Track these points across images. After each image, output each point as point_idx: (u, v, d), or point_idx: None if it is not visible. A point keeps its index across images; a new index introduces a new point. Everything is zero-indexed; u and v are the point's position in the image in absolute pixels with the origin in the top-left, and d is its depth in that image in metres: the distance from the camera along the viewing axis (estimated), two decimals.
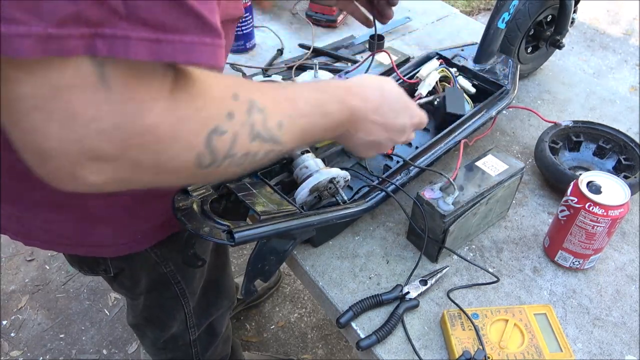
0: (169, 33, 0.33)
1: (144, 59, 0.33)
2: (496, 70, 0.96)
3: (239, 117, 0.43)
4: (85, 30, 0.31)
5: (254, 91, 0.46)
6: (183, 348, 0.98)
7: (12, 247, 1.90)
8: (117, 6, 0.31)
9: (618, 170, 0.87)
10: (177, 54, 0.34)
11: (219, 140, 0.41)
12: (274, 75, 1.12)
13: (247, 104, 0.44)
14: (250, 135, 0.44)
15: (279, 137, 0.48)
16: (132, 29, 0.32)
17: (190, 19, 0.34)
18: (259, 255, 0.67)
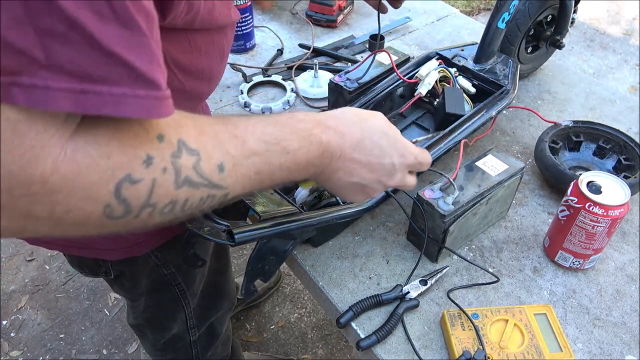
0: (96, 84, 0.31)
1: (67, 110, 0.31)
2: (496, 70, 0.96)
3: (160, 162, 0.37)
4: (4, 78, 0.29)
5: (187, 130, 0.40)
6: (183, 349, 0.98)
7: (12, 247, 1.90)
8: (37, 54, 0.30)
9: (618, 170, 0.87)
10: (104, 106, 0.32)
11: (131, 189, 0.36)
12: (274, 75, 1.12)
13: (174, 147, 0.38)
14: (174, 182, 0.38)
15: (219, 181, 0.42)
16: (54, 78, 0.30)
17: (120, 69, 0.32)
18: (259, 255, 0.67)
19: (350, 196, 0.57)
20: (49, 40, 0.30)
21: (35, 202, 0.33)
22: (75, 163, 0.33)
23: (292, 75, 1.11)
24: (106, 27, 0.31)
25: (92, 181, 0.34)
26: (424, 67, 0.95)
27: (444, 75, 0.94)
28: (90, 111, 0.32)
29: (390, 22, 1.33)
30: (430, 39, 1.28)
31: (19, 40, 0.29)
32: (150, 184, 0.37)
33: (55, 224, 0.35)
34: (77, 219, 0.35)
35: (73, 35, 0.30)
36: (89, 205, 0.35)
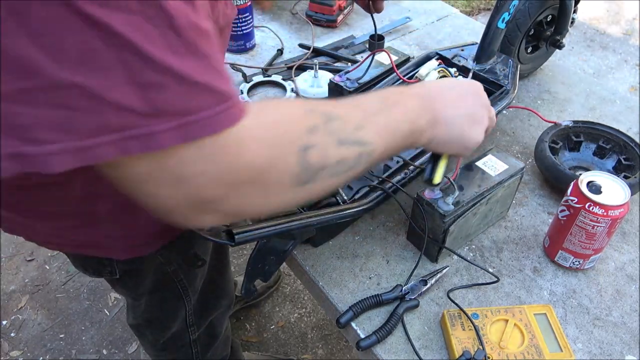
0: (191, 114, 0.36)
1: (175, 145, 0.36)
2: (496, 70, 0.96)
3: (320, 128, 0.45)
4: (115, 135, 0.33)
5: (322, 105, 0.48)
6: (183, 349, 0.98)
7: (12, 247, 1.90)
8: (140, 109, 0.34)
9: (618, 170, 0.87)
10: (203, 130, 0.36)
11: (309, 154, 0.43)
12: (274, 75, 1.12)
13: (322, 116, 0.46)
14: (336, 142, 0.46)
15: (363, 138, 0.49)
16: (157, 123, 0.34)
17: (206, 95, 0.36)
18: (259, 255, 0.67)
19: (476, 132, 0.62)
20: (148, 91, 0.34)
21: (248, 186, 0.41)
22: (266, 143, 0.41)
23: (292, 75, 1.11)
24: (185, 63, 0.35)
25: (283, 153, 0.42)
26: (423, 67, 0.95)
27: (443, 75, 0.94)
28: (194, 138, 0.36)
29: (390, 22, 1.33)
30: (430, 39, 1.28)
31: (124, 99, 0.33)
32: (321, 147, 0.45)
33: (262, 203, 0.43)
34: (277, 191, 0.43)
35: (166, 80, 0.34)
36: (283, 177, 0.43)
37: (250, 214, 0.45)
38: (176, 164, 0.37)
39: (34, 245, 1.91)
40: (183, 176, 0.38)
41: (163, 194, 0.39)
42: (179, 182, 0.38)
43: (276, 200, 0.44)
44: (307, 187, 0.45)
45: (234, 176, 0.39)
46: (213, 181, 0.39)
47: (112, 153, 0.34)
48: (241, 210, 0.43)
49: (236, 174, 0.39)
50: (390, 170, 0.79)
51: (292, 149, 0.43)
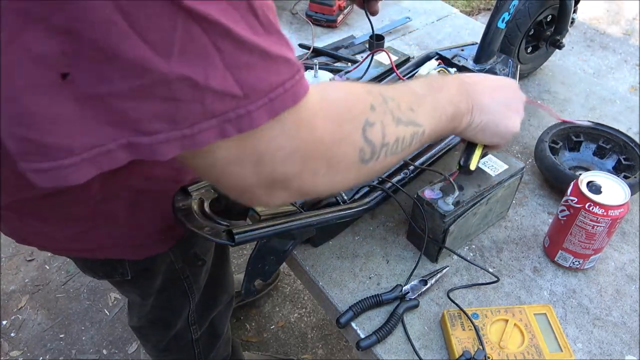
0: (275, 89, 0.37)
1: (266, 122, 0.37)
2: (496, 70, 0.96)
3: (379, 107, 0.47)
4: (214, 121, 0.35)
5: (377, 86, 0.51)
6: (185, 348, 0.98)
7: (12, 247, 1.90)
8: (235, 92, 0.35)
9: (618, 170, 0.87)
10: (286, 103, 0.37)
11: (371, 132, 0.45)
12: None
13: (380, 96, 0.48)
14: (393, 121, 0.48)
15: (415, 119, 0.51)
16: (251, 103, 0.36)
17: (282, 67, 0.37)
18: (259, 255, 0.67)
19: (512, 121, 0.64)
20: (238, 72, 0.35)
21: (319, 160, 0.42)
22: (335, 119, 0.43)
23: None
24: (265, 40, 0.36)
25: (350, 129, 0.44)
26: (423, 67, 0.95)
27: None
28: (280, 112, 0.37)
29: (390, 22, 1.33)
30: (430, 39, 1.28)
31: (222, 84, 0.34)
32: (381, 125, 0.46)
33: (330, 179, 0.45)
34: (344, 167, 0.45)
35: (253, 59, 0.35)
36: (350, 152, 0.44)
37: (318, 192, 0.46)
38: (259, 141, 0.38)
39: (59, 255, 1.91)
40: (264, 153, 0.39)
41: (244, 173, 0.40)
42: (260, 160, 0.39)
43: (342, 178, 0.46)
44: (370, 164, 0.47)
45: (308, 151, 0.41)
46: (289, 156, 0.40)
47: (212, 137, 0.35)
48: (311, 187, 0.44)
49: (310, 149, 0.41)
50: (390, 170, 0.79)
51: (357, 125, 0.44)
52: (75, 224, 0.63)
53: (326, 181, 0.45)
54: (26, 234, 0.66)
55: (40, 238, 0.66)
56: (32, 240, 0.67)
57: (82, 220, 0.62)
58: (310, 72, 1.09)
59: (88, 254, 0.71)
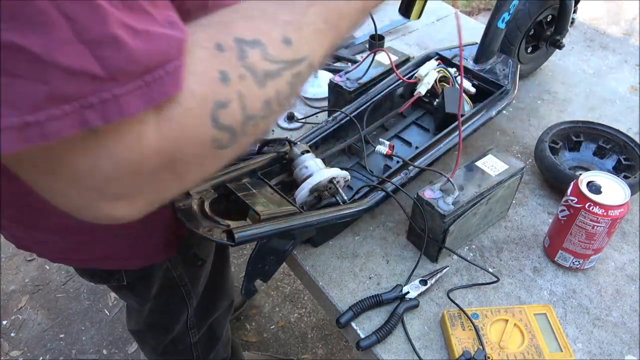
0: (153, 71, 0.30)
1: (143, 110, 0.30)
2: (496, 70, 0.96)
3: (233, 72, 0.35)
4: (67, 107, 0.28)
5: (236, 25, 0.37)
6: (184, 352, 0.98)
7: (12, 247, 1.90)
8: (95, 69, 0.28)
9: (618, 170, 0.87)
10: (168, 88, 0.31)
11: (226, 114, 0.35)
12: None
13: (235, 49, 0.36)
14: (256, 83, 0.37)
15: (294, 56, 0.39)
16: (118, 85, 0.29)
17: (163, 45, 0.31)
18: (259, 255, 0.67)
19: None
20: (100, 49, 0.28)
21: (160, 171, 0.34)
22: (171, 120, 0.33)
23: None
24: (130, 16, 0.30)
25: (193, 125, 0.34)
26: (423, 67, 0.95)
27: (443, 75, 0.94)
28: (161, 99, 0.31)
29: (390, 22, 1.33)
30: (430, 39, 1.27)
31: (75, 61, 0.28)
32: (239, 99, 0.36)
33: (181, 180, 0.37)
34: (197, 163, 0.36)
35: (121, 34, 0.29)
36: (200, 148, 0.35)
37: (168, 199, 0.38)
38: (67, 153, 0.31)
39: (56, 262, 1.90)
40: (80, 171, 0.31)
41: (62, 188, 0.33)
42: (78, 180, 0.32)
43: (196, 175, 0.38)
44: (234, 145, 0.37)
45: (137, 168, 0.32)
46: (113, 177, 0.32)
47: (69, 127, 0.28)
48: (158, 198, 0.37)
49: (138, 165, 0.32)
50: (390, 170, 0.79)
51: (204, 114, 0.34)
52: (72, 235, 0.62)
53: (176, 185, 0.37)
54: (24, 241, 0.66)
55: (38, 246, 0.66)
56: (30, 247, 0.67)
57: (79, 231, 0.61)
58: None
59: (85, 264, 0.71)
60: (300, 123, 1.00)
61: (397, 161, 0.83)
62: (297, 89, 0.41)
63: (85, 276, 0.77)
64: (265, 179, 0.73)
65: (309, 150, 0.76)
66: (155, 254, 0.73)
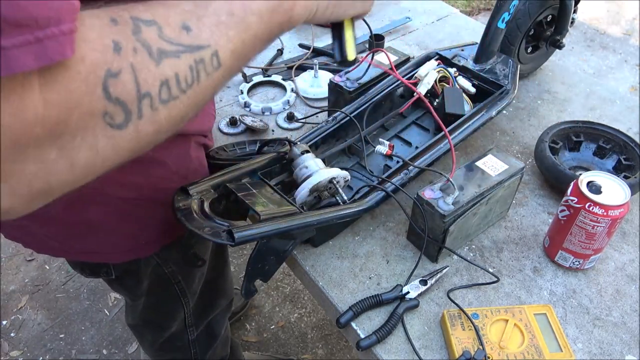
0: (46, 28, 0.27)
1: (35, 68, 0.28)
2: (496, 70, 0.96)
3: (126, 43, 0.33)
4: None
5: (135, 7, 0.36)
6: (182, 349, 0.98)
7: (12, 247, 1.90)
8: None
9: (618, 170, 0.87)
10: (64, 48, 0.28)
11: (117, 84, 0.32)
12: (273, 75, 1.12)
13: (130, 24, 0.34)
14: (151, 58, 0.34)
15: (194, 41, 0.37)
16: (4, 37, 0.26)
17: (56, 3, 0.28)
18: (259, 255, 0.67)
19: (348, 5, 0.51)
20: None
21: (41, 144, 0.30)
22: (57, 82, 0.30)
23: (292, 75, 1.11)
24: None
25: (81, 92, 0.31)
26: (423, 67, 0.95)
27: (443, 75, 0.94)
28: (56, 59, 0.28)
29: (390, 22, 1.33)
30: (430, 39, 1.28)
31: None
32: (131, 70, 0.33)
33: (71, 162, 0.33)
34: (87, 144, 0.32)
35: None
36: (89, 122, 0.32)
37: (60, 187, 0.33)
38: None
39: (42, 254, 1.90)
40: None
41: None
42: None
43: (89, 158, 0.33)
44: (130, 128, 0.34)
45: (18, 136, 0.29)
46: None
47: None
48: (46, 186, 0.32)
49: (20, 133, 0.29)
50: (390, 171, 0.79)
51: (94, 82, 0.31)
52: (52, 225, 0.62)
53: (65, 167, 0.32)
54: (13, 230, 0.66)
55: (22, 234, 0.66)
56: (17, 237, 0.67)
57: (57, 222, 0.61)
58: (310, 72, 1.10)
59: (70, 256, 0.71)
60: (300, 123, 1.00)
61: (397, 161, 0.83)
62: (206, 79, 0.38)
63: (76, 268, 0.78)
64: (265, 179, 0.73)
65: (309, 150, 0.76)
66: (138, 249, 0.73)
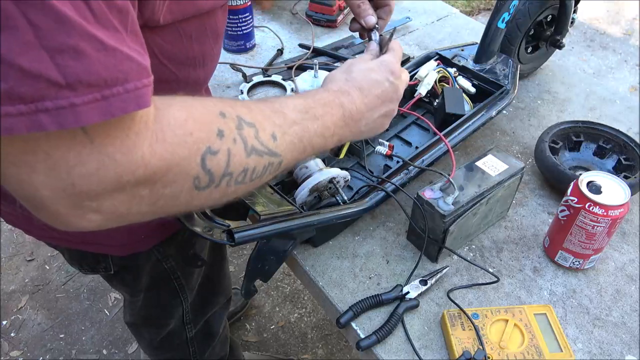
0: (112, 86, 0.32)
1: (98, 122, 0.32)
2: (496, 70, 0.96)
3: (230, 134, 0.42)
4: (23, 107, 0.30)
5: (239, 108, 0.45)
6: (180, 347, 0.98)
7: (12, 247, 1.90)
8: (54, 77, 0.30)
9: (618, 170, 0.87)
10: (128, 105, 0.33)
11: (213, 160, 0.41)
12: (274, 75, 1.12)
13: (236, 121, 0.43)
14: (244, 150, 0.43)
15: (275, 149, 0.47)
16: (76, 95, 0.31)
17: (126, 64, 0.33)
18: (259, 255, 0.67)
19: (381, 129, 0.64)
20: (61, 57, 0.30)
21: (139, 185, 0.37)
22: (167, 143, 0.37)
23: (292, 75, 1.11)
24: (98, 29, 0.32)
25: (183, 156, 0.38)
26: (422, 67, 0.95)
27: (443, 75, 0.94)
28: (118, 114, 0.33)
29: (391, 22, 1.33)
30: (430, 39, 1.28)
31: (34, 65, 0.29)
32: (227, 154, 0.42)
33: (153, 202, 0.39)
34: (173, 193, 0.40)
35: (82, 45, 0.31)
36: (182, 179, 0.39)
37: (140, 216, 0.40)
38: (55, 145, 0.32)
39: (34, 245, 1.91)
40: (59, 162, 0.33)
41: (35, 180, 0.33)
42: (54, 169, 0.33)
43: (167, 203, 0.40)
44: (206, 192, 0.42)
45: (122, 173, 0.35)
46: (95, 174, 0.34)
47: (22, 127, 0.30)
48: (127, 210, 0.38)
49: (124, 171, 0.35)
50: (390, 170, 0.79)
51: (194, 152, 0.39)
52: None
53: (147, 203, 0.39)
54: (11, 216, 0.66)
55: (24, 223, 0.67)
56: (16, 223, 0.68)
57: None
58: (310, 72, 1.10)
59: (69, 244, 0.72)
60: None
61: (397, 161, 0.83)
62: (264, 177, 0.48)
63: (75, 264, 0.78)
64: None
65: None
66: (137, 243, 0.73)
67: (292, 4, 1.39)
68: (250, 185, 0.46)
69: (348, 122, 0.57)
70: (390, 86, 0.62)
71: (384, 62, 0.64)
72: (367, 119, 0.60)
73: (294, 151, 0.50)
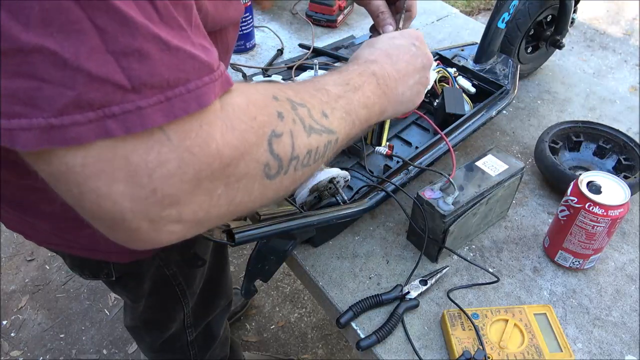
0: (175, 87, 0.32)
1: (161, 124, 0.31)
2: (496, 70, 0.96)
3: (288, 115, 0.41)
4: (92, 114, 0.29)
5: (286, 90, 0.44)
6: (181, 350, 0.98)
7: (12, 247, 1.90)
8: (120, 81, 0.30)
9: (618, 170, 0.87)
10: (189, 106, 0.33)
11: (279, 144, 0.40)
12: (274, 75, 1.12)
13: (289, 102, 0.42)
14: (304, 130, 0.43)
15: (329, 126, 0.46)
16: (141, 98, 0.31)
17: (188, 64, 0.33)
18: (259, 255, 0.67)
19: (418, 98, 0.64)
20: (126, 60, 0.30)
21: (216, 179, 0.35)
22: (236, 130, 0.36)
23: (292, 75, 1.11)
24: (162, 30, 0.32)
25: (252, 142, 0.37)
26: None
27: (443, 75, 0.94)
28: (180, 115, 0.32)
29: None
30: (430, 39, 1.27)
31: (102, 70, 0.29)
32: (290, 135, 0.41)
33: (230, 200, 0.38)
34: (246, 187, 0.38)
35: (147, 47, 0.30)
36: (253, 168, 0.38)
37: (216, 218, 0.38)
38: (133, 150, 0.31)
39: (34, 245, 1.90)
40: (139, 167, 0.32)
41: (112, 192, 0.32)
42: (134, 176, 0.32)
43: (243, 198, 0.39)
44: (277, 180, 0.41)
45: (201, 168, 0.34)
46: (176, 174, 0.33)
47: (91, 134, 0.29)
48: (206, 212, 0.37)
49: (203, 165, 0.34)
50: (390, 171, 0.80)
51: (262, 137, 0.38)
52: (51, 221, 0.62)
53: (224, 203, 0.38)
54: (12, 222, 0.66)
55: (25, 228, 0.67)
56: (17, 229, 0.67)
57: (56, 218, 0.62)
58: (310, 72, 1.10)
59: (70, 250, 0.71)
60: None
61: (397, 161, 0.83)
62: (325, 156, 0.47)
63: (76, 270, 0.77)
64: None
65: None
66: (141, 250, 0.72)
67: (292, 4, 1.39)
68: (314, 166, 0.46)
69: (385, 90, 0.56)
70: (417, 50, 0.62)
71: (406, 30, 0.64)
72: (402, 86, 0.59)
73: (345, 126, 0.49)
